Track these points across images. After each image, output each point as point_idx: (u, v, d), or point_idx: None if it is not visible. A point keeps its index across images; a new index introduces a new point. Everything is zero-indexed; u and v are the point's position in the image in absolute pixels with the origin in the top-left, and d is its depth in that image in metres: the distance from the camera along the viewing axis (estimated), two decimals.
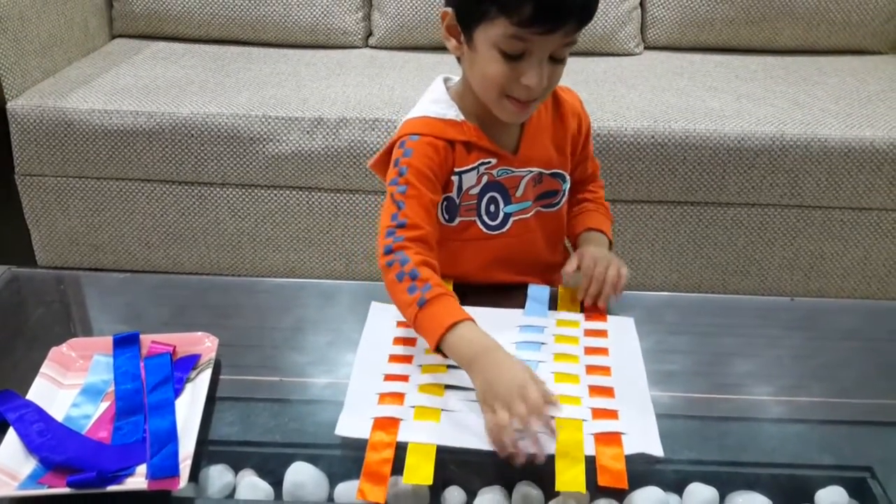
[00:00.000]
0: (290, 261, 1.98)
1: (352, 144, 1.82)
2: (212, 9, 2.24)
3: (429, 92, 1.06)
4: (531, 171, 1.06)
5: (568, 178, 1.11)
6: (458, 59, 1.02)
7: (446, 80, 1.07)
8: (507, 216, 1.07)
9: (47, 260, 2.02)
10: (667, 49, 2.28)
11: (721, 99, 1.92)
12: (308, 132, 1.83)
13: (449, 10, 0.97)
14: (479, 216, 1.06)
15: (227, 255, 1.99)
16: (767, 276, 1.93)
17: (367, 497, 0.76)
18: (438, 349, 0.90)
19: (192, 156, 1.86)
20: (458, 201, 1.05)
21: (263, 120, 1.83)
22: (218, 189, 1.91)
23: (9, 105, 1.86)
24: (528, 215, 1.09)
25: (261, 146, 1.84)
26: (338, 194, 1.89)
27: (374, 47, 2.30)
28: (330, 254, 1.96)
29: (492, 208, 1.06)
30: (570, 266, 1.06)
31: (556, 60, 0.95)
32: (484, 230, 1.07)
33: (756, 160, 1.78)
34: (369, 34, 2.32)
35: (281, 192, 1.90)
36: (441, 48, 2.22)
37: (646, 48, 2.29)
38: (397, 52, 2.26)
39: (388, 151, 1.04)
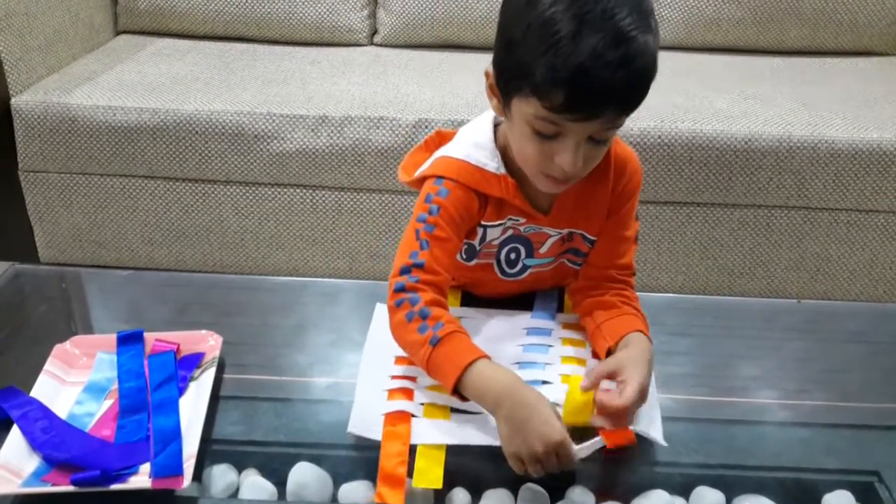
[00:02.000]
0: (293, 259, 1.98)
1: (356, 142, 1.82)
2: (216, 6, 2.24)
3: (476, 130, 0.97)
4: (560, 233, 0.99)
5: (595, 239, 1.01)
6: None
7: (496, 120, 0.97)
8: (525, 267, 1.02)
9: (50, 257, 2.02)
10: (673, 49, 2.27)
11: (727, 99, 1.91)
12: (313, 130, 1.82)
13: (491, 71, 0.89)
14: (498, 262, 1.01)
15: (230, 253, 1.98)
16: (774, 278, 1.92)
17: (387, 500, 0.76)
18: (456, 390, 0.85)
19: (196, 153, 1.86)
20: (478, 248, 1.00)
21: (268, 117, 1.83)
22: (222, 186, 1.90)
23: (13, 101, 1.86)
24: (547, 269, 1.03)
25: (265, 144, 1.84)
26: (342, 192, 1.89)
27: (380, 45, 2.29)
28: (334, 252, 1.96)
29: (512, 256, 1.01)
30: (606, 384, 0.87)
31: (598, 141, 0.85)
32: (500, 276, 1.02)
33: (762, 161, 1.78)
34: (374, 32, 2.31)
35: (285, 189, 1.90)
36: (446, 46, 2.24)
37: None
38: (402, 49, 2.25)
39: (417, 162, 0.99)
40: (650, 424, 0.85)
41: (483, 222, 0.96)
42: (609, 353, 0.92)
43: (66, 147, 1.87)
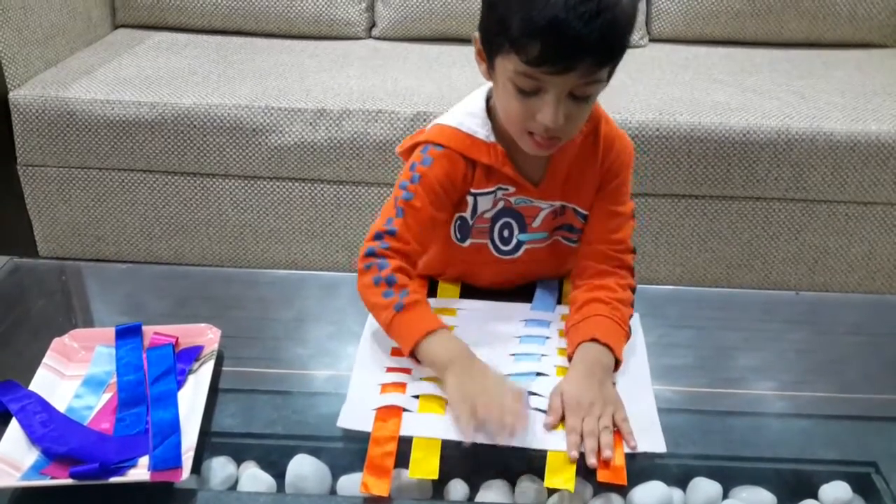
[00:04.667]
0: (292, 253, 1.98)
1: (355, 136, 1.82)
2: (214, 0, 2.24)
3: (469, 100, 1.00)
4: (552, 205, 1.01)
5: (587, 214, 1.02)
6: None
7: (489, 93, 0.98)
8: (520, 243, 1.03)
9: (49, 250, 2.02)
10: (672, 41, 2.26)
11: (726, 92, 1.91)
12: (311, 123, 1.82)
13: (477, 34, 0.92)
14: (492, 240, 1.03)
15: (229, 247, 1.98)
16: (772, 271, 1.92)
17: (371, 490, 0.76)
18: (412, 354, 0.90)
19: (194, 147, 1.86)
20: (471, 222, 1.01)
21: (266, 111, 1.82)
22: (220, 180, 1.90)
23: (11, 95, 1.86)
24: (543, 245, 1.04)
25: (263, 137, 1.84)
26: (340, 186, 1.89)
27: (378, 38, 2.29)
28: (332, 246, 1.96)
29: (505, 233, 1.02)
30: (549, 419, 0.84)
31: (579, 98, 0.87)
32: (495, 254, 1.04)
33: (761, 153, 1.77)
34: (372, 25, 2.31)
35: (283, 183, 1.89)
36: (444, 39, 2.24)
37: (651, 40, 2.28)
38: (400, 43, 2.24)
39: (417, 139, 1.01)
40: (646, 438, 0.84)
41: (472, 190, 0.98)
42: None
43: (65, 141, 1.87)
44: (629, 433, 0.83)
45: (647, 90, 1.91)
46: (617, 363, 0.92)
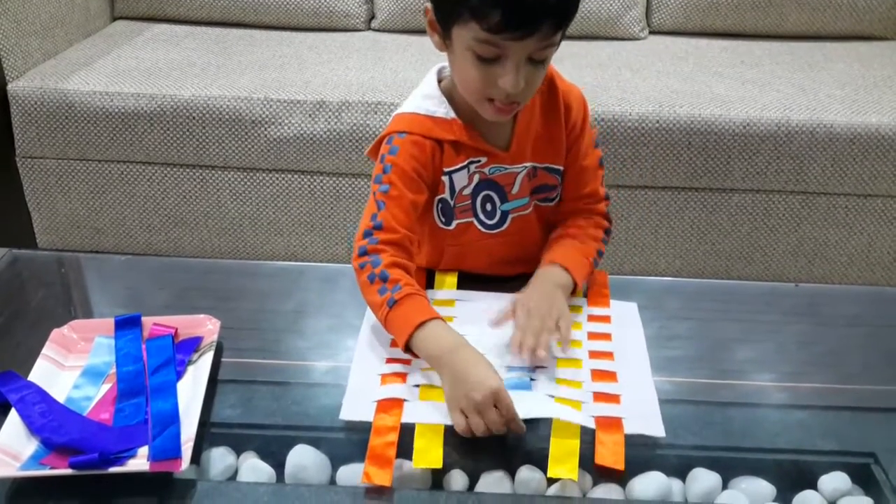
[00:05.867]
0: (291, 244, 1.98)
1: (354, 128, 1.82)
2: None
3: (422, 84, 1.02)
4: (525, 167, 1.02)
5: (562, 170, 1.05)
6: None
7: (440, 72, 1.02)
8: (504, 214, 1.04)
9: (48, 242, 2.02)
10: (672, 34, 2.26)
11: (726, 84, 1.90)
12: (310, 115, 1.82)
13: (429, 5, 0.93)
14: (476, 216, 1.04)
15: (228, 239, 1.98)
16: (771, 263, 1.92)
17: (373, 480, 0.76)
18: (408, 349, 0.89)
19: (193, 139, 1.85)
20: (452, 202, 1.02)
21: (265, 103, 1.82)
22: (219, 172, 1.90)
23: (9, 87, 1.86)
24: (527, 211, 1.06)
25: (263, 129, 1.83)
26: (340, 178, 1.88)
27: (377, 30, 2.28)
28: (332, 238, 1.96)
29: (488, 207, 1.03)
30: (499, 317, 0.95)
31: (537, 62, 0.89)
32: (482, 230, 1.04)
33: (761, 146, 1.77)
34: (372, 17, 2.30)
35: (283, 175, 1.89)
36: None
37: (651, 33, 2.27)
38: (400, 35, 2.24)
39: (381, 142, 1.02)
40: (646, 424, 0.84)
41: (445, 169, 0.99)
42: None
43: (64, 133, 1.87)
44: (567, 331, 0.92)
45: (647, 82, 1.90)
46: (575, 287, 0.99)
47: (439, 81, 1.01)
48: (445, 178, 1.00)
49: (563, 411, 0.83)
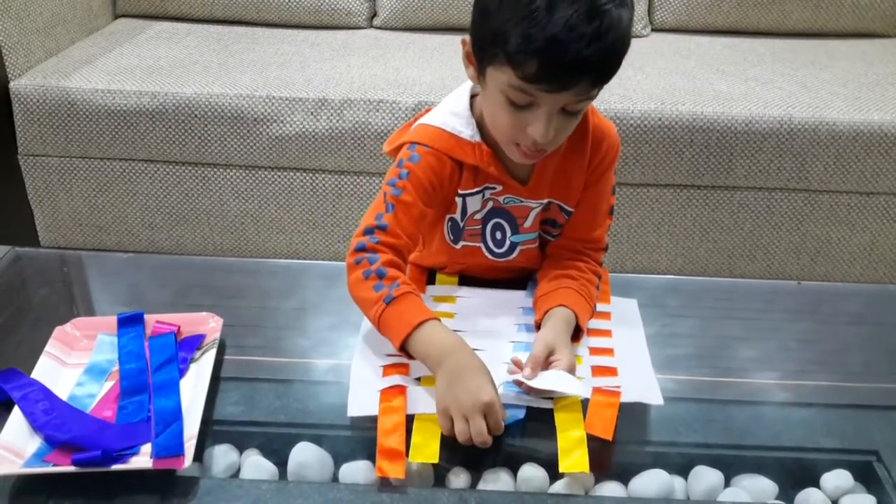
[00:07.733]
0: (293, 242, 1.98)
1: (356, 126, 1.82)
2: None
3: (453, 98, 0.99)
4: (541, 203, 1.00)
5: (572, 212, 1.02)
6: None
7: (473, 91, 0.98)
8: (513, 245, 1.03)
9: (50, 240, 2.02)
10: (674, 31, 2.26)
11: (728, 82, 1.90)
12: (312, 113, 1.82)
13: (467, 38, 0.90)
14: (485, 242, 1.03)
15: (230, 237, 1.98)
16: (774, 261, 1.92)
17: (388, 474, 0.77)
18: (403, 348, 0.88)
19: (195, 136, 1.85)
20: (461, 224, 1.01)
21: (267, 101, 1.82)
22: (221, 170, 1.90)
23: (12, 85, 1.86)
24: (535, 245, 1.04)
25: (264, 127, 1.83)
26: (342, 176, 1.88)
27: (379, 28, 2.28)
28: (334, 236, 1.96)
29: (498, 235, 1.02)
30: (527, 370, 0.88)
31: (570, 113, 0.87)
32: (489, 257, 1.03)
33: (763, 143, 1.77)
34: (374, 15, 2.30)
35: (285, 173, 1.89)
36: (445, 29, 2.23)
37: (653, 30, 2.27)
38: (402, 32, 2.24)
39: (403, 136, 1.00)
40: (644, 391, 0.85)
41: (460, 191, 0.98)
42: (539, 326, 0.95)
43: (66, 131, 1.87)
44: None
45: (650, 80, 1.90)
46: (579, 332, 0.95)
47: (472, 96, 0.98)
48: (459, 200, 0.99)
49: (561, 380, 0.84)
